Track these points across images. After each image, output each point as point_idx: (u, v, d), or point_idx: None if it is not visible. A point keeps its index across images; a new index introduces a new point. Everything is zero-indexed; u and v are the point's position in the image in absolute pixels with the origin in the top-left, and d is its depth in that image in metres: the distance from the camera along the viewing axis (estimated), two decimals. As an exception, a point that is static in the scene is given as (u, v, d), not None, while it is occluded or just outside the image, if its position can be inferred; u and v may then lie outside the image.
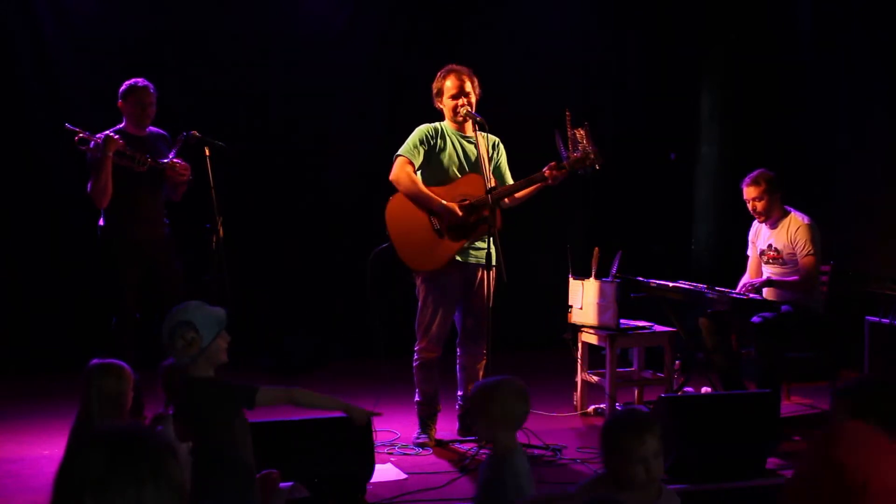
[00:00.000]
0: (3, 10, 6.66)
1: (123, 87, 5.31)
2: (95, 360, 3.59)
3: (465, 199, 4.97)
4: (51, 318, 6.81)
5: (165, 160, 5.25)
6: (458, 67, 5.07)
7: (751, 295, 5.50)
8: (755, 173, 5.66)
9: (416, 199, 5.01)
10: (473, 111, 4.99)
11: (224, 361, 3.24)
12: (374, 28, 7.54)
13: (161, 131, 5.42)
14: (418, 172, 5.10)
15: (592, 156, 4.77)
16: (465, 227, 4.97)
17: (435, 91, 5.11)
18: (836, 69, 7.26)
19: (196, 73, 6.98)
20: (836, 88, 7.26)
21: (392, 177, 5.06)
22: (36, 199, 6.81)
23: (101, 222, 5.31)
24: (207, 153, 5.16)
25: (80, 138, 5.12)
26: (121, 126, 5.31)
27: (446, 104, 5.07)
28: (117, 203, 5.20)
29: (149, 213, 5.30)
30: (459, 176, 5.06)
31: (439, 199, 4.96)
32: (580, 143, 4.79)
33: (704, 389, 5.86)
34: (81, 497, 1.53)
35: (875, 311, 6.09)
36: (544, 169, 4.84)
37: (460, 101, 5.01)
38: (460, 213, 4.93)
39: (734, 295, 5.42)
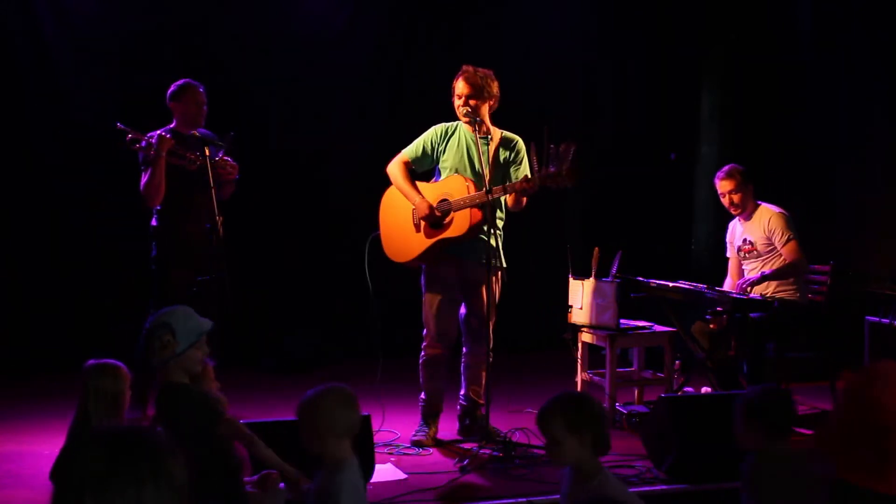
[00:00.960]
0: (3, 11, 6.66)
1: (175, 87, 5.28)
2: (92, 361, 3.59)
3: (445, 199, 4.99)
4: (51, 318, 6.80)
5: (217, 158, 5.23)
6: (469, 69, 5.05)
7: (751, 295, 5.50)
8: (727, 167, 5.81)
9: (400, 191, 5.11)
10: (476, 114, 4.97)
11: (197, 372, 3.25)
12: (374, 28, 7.54)
13: (207, 131, 5.39)
14: (435, 170, 5.15)
15: (564, 174, 4.69)
16: (437, 225, 5.00)
17: (451, 90, 5.13)
18: (836, 69, 7.27)
19: (196, 73, 6.96)
20: (836, 88, 7.26)
21: (387, 168, 5.17)
22: (36, 199, 6.81)
23: (153, 222, 5.31)
24: (207, 153, 5.16)
25: (131, 138, 5.10)
26: (171, 126, 5.30)
27: (455, 104, 5.09)
28: (170, 202, 5.21)
29: (200, 211, 5.26)
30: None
31: (418, 194, 5.02)
32: (560, 159, 4.71)
33: (704, 389, 5.86)
34: (82, 496, 1.53)
35: (875, 311, 6.09)
36: (516, 182, 4.84)
37: (461, 103, 5.02)
38: (427, 211, 4.96)
39: (734, 295, 5.43)
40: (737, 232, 5.92)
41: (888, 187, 6.84)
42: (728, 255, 6.03)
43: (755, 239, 5.75)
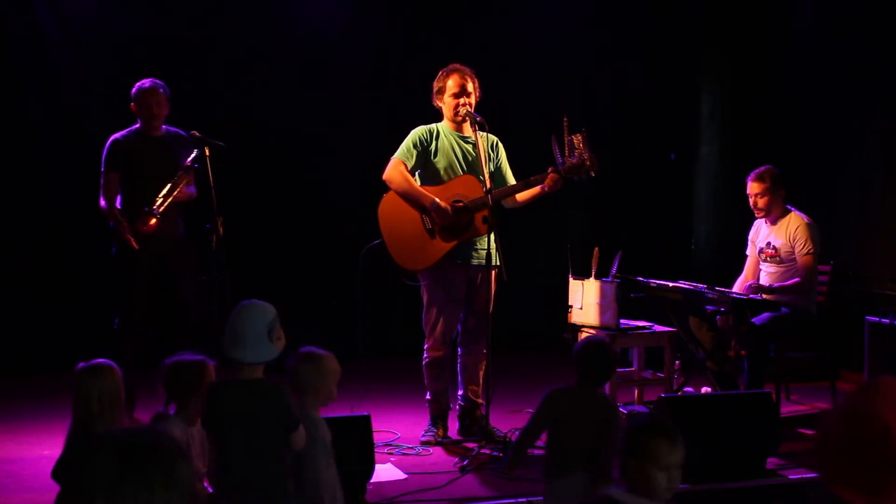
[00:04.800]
0: (3, 11, 6.66)
1: (133, 90, 5.28)
2: (82, 364, 3.56)
3: (459, 200, 4.96)
4: (50, 318, 6.80)
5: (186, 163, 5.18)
6: (461, 67, 5.07)
7: (751, 295, 5.50)
8: (761, 169, 5.69)
9: (409, 197, 5.01)
10: (473, 111, 4.99)
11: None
12: (374, 28, 7.54)
13: (178, 131, 5.38)
14: (416, 174, 5.10)
15: (588, 163, 4.76)
16: (456, 227, 4.97)
17: (436, 89, 5.10)
18: (835, 69, 7.26)
19: (196, 73, 6.97)
20: (835, 88, 7.26)
21: (385, 176, 5.08)
22: (36, 199, 6.80)
23: (111, 223, 5.30)
24: (207, 153, 5.14)
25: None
26: (136, 127, 5.27)
27: (447, 102, 5.07)
28: (131, 203, 5.19)
29: (163, 212, 5.23)
30: (454, 177, 5.05)
31: (432, 197, 4.97)
32: (577, 149, 4.77)
33: (704, 389, 5.86)
34: (92, 501, 1.53)
35: (875, 311, 6.09)
36: (539, 176, 4.85)
37: (461, 101, 5.01)
38: (451, 213, 4.93)
39: (734, 295, 5.42)
40: (761, 233, 5.82)
41: (888, 187, 6.84)
42: (747, 252, 5.95)
43: (779, 245, 5.66)
